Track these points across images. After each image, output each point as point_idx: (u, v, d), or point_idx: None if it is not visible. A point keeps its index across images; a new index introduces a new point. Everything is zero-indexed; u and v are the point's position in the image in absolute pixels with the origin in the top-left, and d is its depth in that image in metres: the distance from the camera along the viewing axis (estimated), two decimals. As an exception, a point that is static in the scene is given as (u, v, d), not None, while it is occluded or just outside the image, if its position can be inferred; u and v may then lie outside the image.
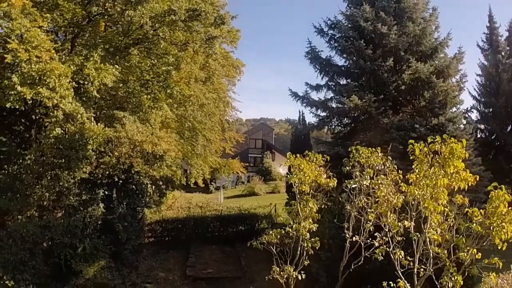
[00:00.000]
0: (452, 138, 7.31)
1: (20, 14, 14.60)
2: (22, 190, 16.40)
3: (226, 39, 26.34)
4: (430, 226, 7.76)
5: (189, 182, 31.64)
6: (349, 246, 10.46)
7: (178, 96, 21.62)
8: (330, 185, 9.81)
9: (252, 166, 63.63)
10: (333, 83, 22.10)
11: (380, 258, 9.38)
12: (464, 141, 7.37)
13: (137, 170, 19.29)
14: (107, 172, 18.49)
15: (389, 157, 9.85)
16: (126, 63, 19.58)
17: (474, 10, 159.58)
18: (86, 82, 15.90)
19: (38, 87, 13.91)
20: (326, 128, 23.72)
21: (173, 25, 18.30)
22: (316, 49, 22.21)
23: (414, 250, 8.22)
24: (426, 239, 7.84)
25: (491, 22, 35.52)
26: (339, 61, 22.57)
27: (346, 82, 22.08)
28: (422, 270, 8.19)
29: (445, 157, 7.20)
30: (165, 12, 17.82)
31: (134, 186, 19.88)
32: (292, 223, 10.00)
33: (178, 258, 21.83)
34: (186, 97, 22.89)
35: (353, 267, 10.53)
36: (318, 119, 22.57)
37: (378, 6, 20.57)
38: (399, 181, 8.93)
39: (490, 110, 34.56)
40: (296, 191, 9.83)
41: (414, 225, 8.28)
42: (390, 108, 20.38)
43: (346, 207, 10.12)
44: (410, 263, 8.40)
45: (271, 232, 10.04)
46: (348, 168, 9.83)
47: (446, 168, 7.24)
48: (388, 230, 8.91)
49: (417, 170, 7.63)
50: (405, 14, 20.54)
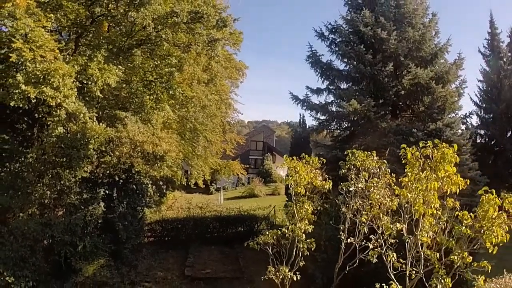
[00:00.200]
0: (444, 143, 7.45)
1: (24, 14, 14.68)
2: (23, 188, 16.44)
3: (229, 41, 26.44)
4: (421, 229, 7.91)
5: (189, 183, 31.79)
6: (344, 248, 10.62)
7: (180, 97, 21.75)
8: (325, 187, 9.97)
9: (252, 168, 63.87)
10: (333, 87, 22.29)
11: (374, 260, 9.52)
12: (455, 146, 7.52)
13: (137, 170, 19.44)
14: (108, 171, 18.64)
15: (384, 160, 10.01)
16: (129, 64, 19.74)
17: (476, 15, 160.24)
18: (90, 82, 15.99)
19: (42, 86, 14.00)
20: (325, 131, 23.89)
21: (175, 27, 18.42)
22: (317, 53, 22.43)
23: (407, 253, 8.36)
24: (417, 242, 7.99)
25: (493, 28, 35.61)
26: (340, 65, 22.78)
27: (346, 86, 22.25)
28: (414, 272, 8.32)
29: (436, 161, 7.38)
30: (167, 14, 17.96)
31: (134, 186, 20.03)
32: (288, 224, 10.16)
33: (177, 258, 21.94)
34: (188, 98, 23.05)
35: (348, 269, 10.68)
36: (317, 123, 22.77)
37: (378, 11, 20.72)
38: (392, 184, 9.10)
39: (490, 115, 34.66)
40: (292, 193, 10.01)
41: (406, 227, 8.42)
42: (390, 112, 20.61)
43: (342, 209, 10.28)
44: (403, 266, 8.55)
45: (267, 232, 10.19)
46: (344, 171, 9.99)
47: (437, 172, 7.40)
48: (381, 233, 9.06)
49: (409, 174, 7.79)
50: (405, 20, 20.69)
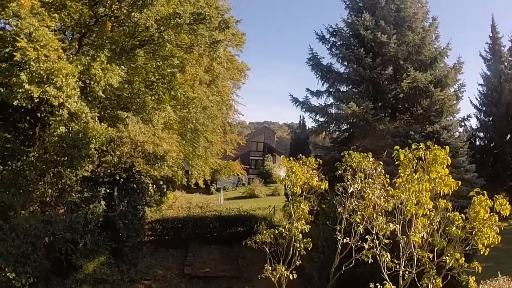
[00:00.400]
0: (436, 145, 7.61)
1: (28, 13, 14.78)
2: (25, 186, 16.61)
3: (231, 42, 26.55)
4: (414, 229, 8.07)
5: (190, 183, 31.84)
6: (340, 248, 10.78)
7: (182, 98, 21.87)
8: (322, 187, 10.14)
9: (253, 168, 64.08)
10: (333, 90, 22.44)
11: (370, 260, 9.67)
12: (447, 148, 7.69)
13: (138, 169, 19.57)
14: (109, 170, 18.82)
15: (380, 162, 10.17)
16: (132, 64, 19.86)
17: (478, 20, 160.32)
18: (92, 82, 16.09)
19: (46, 86, 14.11)
20: (324, 133, 24.04)
21: (178, 28, 18.52)
22: (317, 56, 22.60)
23: (400, 253, 8.52)
24: (410, 242, 8.16)
25: (494, 32, 35.88)
26: (340, 68, 22.94)
27: (346, 89, 22.41)
28: (407, 272, 8.49)
29: (428, 163, 7.55)
30: (170, 15, 18.09)
31: (135, 185, 20.23)
32: (285, 223, 10.34)
33: (177, 257, 22.09)
34: (190, 99, 23.13)
35: (344, 269, 10.83)
36: (317, 124, 22.93)
37: (379, 15, 20.85)
38: (386, 185, 9.28)
39: (490, 118, 34.95)
40: (289, 193, 10.19)
41: (400, 228, 8.57)
42: (389, 115, 20.76)
43: (338, 210, 10.44)
44: (397, 266, 8.70)
45: (265, 231, 10.36)
46: (340, 171, 10.16)
47: (429, 173, 7.57)
48: (376, 233, 9.23)
49: (402, 175, 7.97)
50: (405, 23, 20.81)
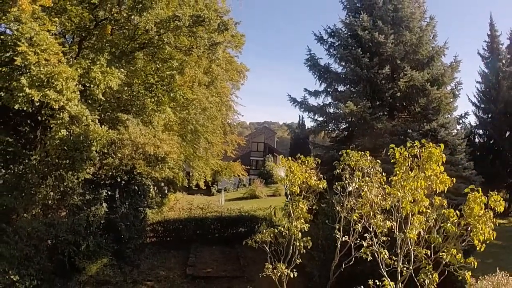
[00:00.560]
0: (430, 143, 7.74)
1: (29, 18, 14.94)
2: (27, 189, 16.66)
3: (230, 44, 26.62)
4: (410, 226, 8.20)
5: (191, 184, 31.91)
6: (340, 246, 10.91)
7: (181, 99, 22.05)
8: (320, 186, 10.26)
9: (254, 169, 64.15)
10: (331, 89, 22.59)
11: (369, 258, 9.77)
12: (442, 145, 7.81)
13: (139, 171, 19.71)
14: (110, 173, 18.96)
15: (378, 160, 10.30)
16: (131, 67, 20.01)
17: (476, 19, 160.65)
18: (92, 85, 16.23)
19: (46, 90, 14.24)
20: (323, 132, 24.17)
21: (177, 30, 18.66)
22: (315, 56, 22.76)
23: (398, 250, 8.64)
24: (407, 239, 8.28)
25: (492, 30, 36.02)
26: (338, 68, 23.07)
27: (344, 88, 22.57)
28: (405, 269, 8.62)
29: (423, 160, 7.68)
30: (169, 18, 18.23)
31: (136, 187, 20.36)
32: (284, 223, 10.48)
33: (179, 258, 22.22)
34: (189, 100, 23.30)
35: (343, 267, 10.95)
36: (316, 124, 23.09)
37: (376, 15, 20.98)
38: (383, 183, 9.42)
39: (489, 116, 35.12)
40: (287, 192, 10.32)
41: (398, 226, 8.69)
42: (387, 113, 20.92)
43: (337, 208, 10.56)
44: (395, 263, 8.83)
45: (265, 231, 10.49)
46: (338, 170, 10.29)
47: (425, 171, 7.71)
48: (373, 231, 9.36)
49: (397, 173, 8.10)
50: (402, 23, 20.94)
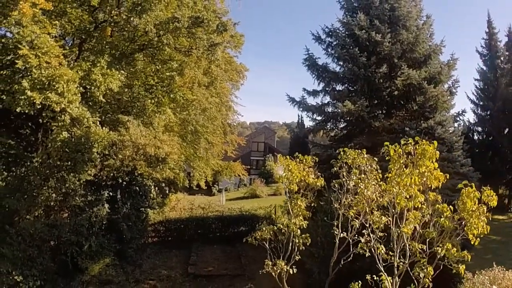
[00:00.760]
0: (424, 140, 7.93)
1: (30, 21, 15.08)
2: (29, 191, 16.77)
3: (230, 44, 26.72)
4: (406, 222, 8.39)
5: (191, 185, 32.04)
6: (338, 243, 11.10)
7: (181, 100, 22.20)
8: (318, 184, 10.46)
9: (254, 168, 64.37)
10: (329, 89, 22.73)
11: (367, 254, 9.98)
12: (435, 142, 8.00)
13: (140, 172, 19.88)
14: (112, 174, 19.11)
15: (375, 158, 10.50)
16: (131, 69, 20.16)
17: (475, 17, 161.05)
18: (93, 87, 16.37)
19: (47, 92, 14.36)
20: (322, 131, 24.35)
21: (176, 32, 18.80)
22: (313, 56, 22.86)
23: (394, 245, 8.83)
24: (402, 234, 8.47)
25: (490, 27, 36.10)
26: (336, 67, 23.18)
27: (342, 87, 22.66)
28: (402, 263, 8.81)
29: (417, 157, 7.87)
30: (169, 19, 18.37)
31: (137, 188, 20.51)
32: (283, 220, 10.66)
33: (180, 257, 22.37)
34: (189, 101, 23.45)
35: (342, 263, 11.16)
36: (314, 123, 23.27)
37: (373, 14, 21.10)
38: (379, 180, 9.61)
39: (487, 113, 35.26)
40: (286, 190, 10.52)
41: (392, 221, 8.88)
42: (385, 112, 21.09)
43: (334, 206, 10.76)
44: (392, 258, 9.02)
45: (264, 228, 10.67)
46: (336, 168, 10.48)
47: (419, 167, 7.89)
48: (369, 226, 9.56)
49: (392, 170, 8.29)
50: (399, 22, 21.06)
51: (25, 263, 15.38)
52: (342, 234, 10.59)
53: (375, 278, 9.15)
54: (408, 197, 8.14)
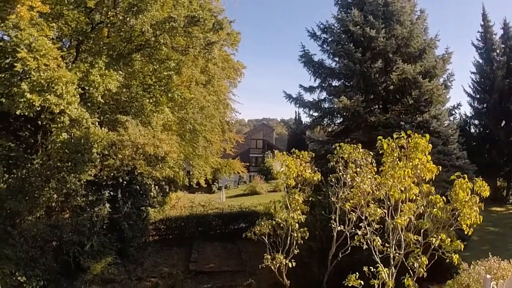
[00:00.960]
0: (416, 133, 8.12)
1: (28, 24, 15.20)
2: (31, 193, 16.89)
3: (226, 42, 26.91)
4: (400, 213, 8.58)
5: (191, 183, 32.12)
6: (336, 236, 11.30)
7: (179, 99, 22.34)
8: (315, 178, 10.66)
9: (253, 166, 64.62)
10: (325, 85, 22.83)
11: (364, 246, 10.17)
12: (427, 136, 8.20)
13: (140, 171, 19.99)
14: (112, 174, 19.23)
15: (371, 152, 10.69)
16: (129, 69, 20.26)
17: (471, 9, 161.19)
18: (91, 88, 16.49)
19: (47, 94, 14.50)
20: (319, 127, 24.51)
21: (173, 31, 18.89)
22: (309, 52, 22.91)
23: (390, 237, 9.03)
24: (397, 226, 8.67)
25: (485, 20, 36.19)
26: (331, 63, 23.20)
27: (338, 83, 22.76)
28: (397, 254, 9.01)
29: (410, 150, 8.07)
30: (165, 19, 18.49)
31: (138, 187, 20.66)
32: (281, 214, 10.86)
33: (182, 255, 22.53)
34: (187, 100, 23.57)
35: (340, 256, 11.37)
36: (311, 119, 23.39)
37: (367, 10, 21.16)
38: (373, 173, 9.81)
39: (484, 106, 35.36)
40: (284, 185, 10.71)
41: (387, 213, 9.07)
42: (381, 107, 21.26)
43: (332, 199, 10.95)
44: (387, 249, 9.22)
45: (263, 223, 10.87)
46: (332, 163, 10.67)
47: (412, 160, 8.09)
48: (364, 219, 9.75)
49: (386, 163, 8.49)
50: (393, 17, 21.13)
51: (28, 264, 15.48)
52: (339, 227, 10.77)
53: (372, 270, 9.35)
54: (402, 189, 8.33)
